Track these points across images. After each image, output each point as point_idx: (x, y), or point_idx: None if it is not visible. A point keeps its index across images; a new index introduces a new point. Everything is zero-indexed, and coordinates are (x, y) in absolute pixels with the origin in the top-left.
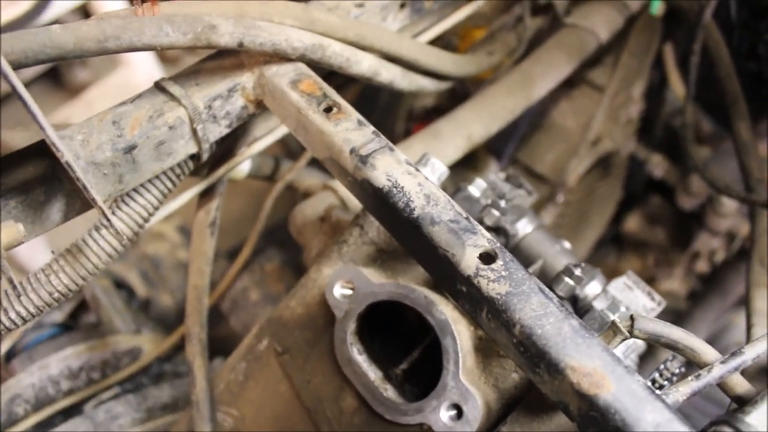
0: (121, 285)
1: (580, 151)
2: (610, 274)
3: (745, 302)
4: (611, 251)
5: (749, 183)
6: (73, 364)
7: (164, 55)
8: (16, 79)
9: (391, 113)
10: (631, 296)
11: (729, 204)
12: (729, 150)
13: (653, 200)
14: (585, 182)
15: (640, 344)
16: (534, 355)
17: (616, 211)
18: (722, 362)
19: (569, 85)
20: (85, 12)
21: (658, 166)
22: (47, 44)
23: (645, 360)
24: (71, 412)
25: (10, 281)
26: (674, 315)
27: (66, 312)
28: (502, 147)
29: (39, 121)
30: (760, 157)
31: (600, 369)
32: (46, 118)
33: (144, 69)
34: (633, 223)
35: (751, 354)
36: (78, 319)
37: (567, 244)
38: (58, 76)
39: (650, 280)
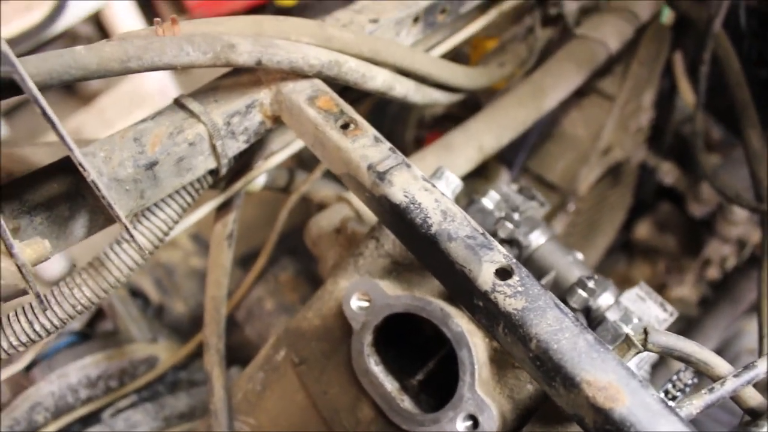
0: (136, 293)
1: (591, 160)
2: (621, 281)
3: (756, 310)
4: (622, 258)
5: (759, 192)
6: (92, 372)
7: None
8: (44, 102)
9: (402, 121)
10: (643, 307)
11: (739, 212)
12: (739, 158)
13: (664, 207)
14: (596, 191)
15: (653, 354)
16: (550, 369)
17: (626, 218)
18: (735, 376)
19: (579, 94)
20: (96, 21)
21: (668, 173)
22: (72, 65)
23: (657, 368)
24: (89, 419)
25: (37, 295)
26: (685, 322)
27: (83, 321)
28: (513, 156)
29: (66, 142)
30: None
31: (615, 383)
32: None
33: (155, 77)
34: (643, 230)
35: (763, 367)
36: (95, 328)
37: (579, 255)
38: (71, 83)
39: (661, 287)
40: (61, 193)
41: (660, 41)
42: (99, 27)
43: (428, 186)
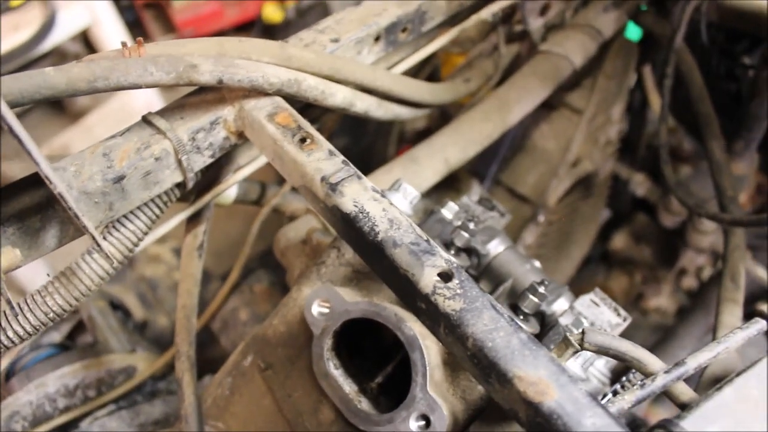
0: (116, 306)
1: (560, 172)
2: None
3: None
4: (600, 269)
5: (723, 201)
6: (70, 382)
7: None
8: (13, 118)
9: (383, 136)
10: (597, 312)
11: (708, 222)
12: (708, 169)
13: (639, 218)
14: (567, 202)
15: (611, 360)
16: (486, 366)
17: (602, 229)
18: (666, 372)
19: (549, 108)
20: (85, 38)
21: (640, 185)
22: (42, 85)
23: None
24: (67, 428)
25: (9, 302)
26: (663, 331)
27: (63, 333)
28: (485, 169)
29: (33, 155)
30: (733, 176)
31: (545, 378)
32: (47, 145)
33: (142, 94)
34: (620, 241)
35: (692, 364)
36: (75, 340)
37: (537, 263)
38: (59, 102)
39: (638, 297)
40: (32, 205)
41: (626, 56)
42: (87, 45)
43: (377, 196)
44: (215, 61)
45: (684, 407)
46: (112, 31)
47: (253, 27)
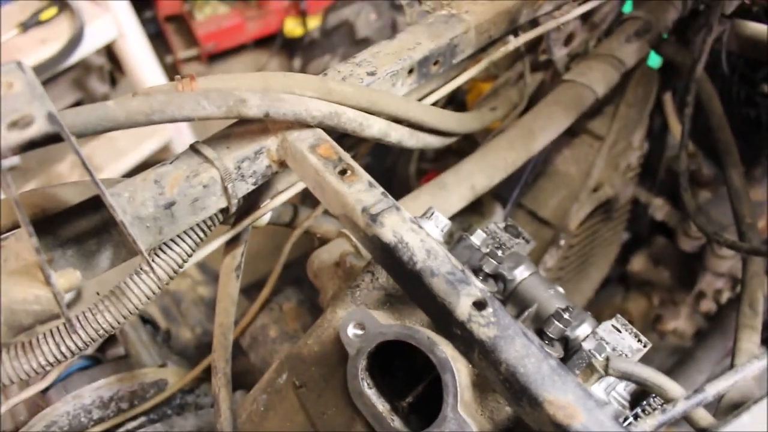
0: (146, 320)
1: (581, 197)
2: (618, 314)
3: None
4: (618, 291)
5: (741, 229)
6: (105, 394)
7: None
8: (82, 154)
9: (405, 155)
10: (618, 337)
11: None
12: (727, 194)
13: (658, 241)
14: (587, 226)
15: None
16: (517, 390)
17: (621, 252)
18: (686, 398)
19: (571, 134)
20: (108, 50)
21: (659, 209)
22: (103, 118)
23: None
24: None
25: (68, 320)
26: (681, 353)
27: (95, 345)
28: (508, 194)
29: (100, 188)
30: (752, 203)
31: (573, 402)
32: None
33: None
34: (638, 264)
35: (711, 391)
36: (105, 352)
37: (560, 289)
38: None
39: (656, 319)
40: (89, 228)
41: (647, 84)
42: (110, 57)
43: (415, 227)
44: (262, 96)
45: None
46: (136, 44)
47: (273, 41)
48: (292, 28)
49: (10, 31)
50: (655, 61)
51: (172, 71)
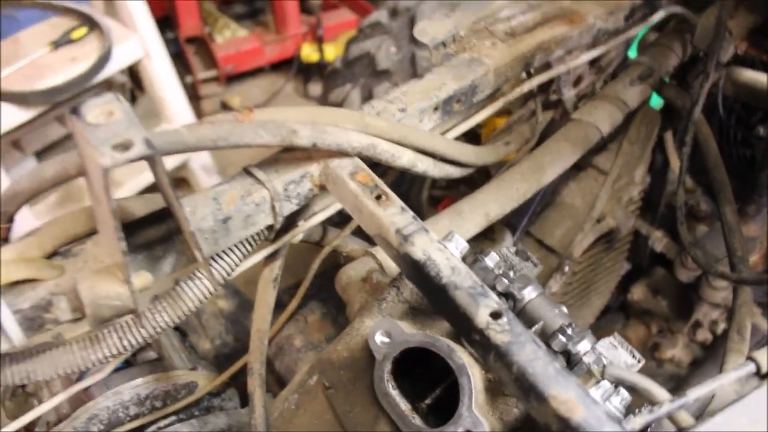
0: (176, 328)
1: (585, 227)
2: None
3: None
4: (619, 319)
5: (733, 261)
6: (142, 392)
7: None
8: (166, 172)
9: (418, 182)
10: (615, 353)
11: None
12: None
13: (657, 272)
14: (590, 254)
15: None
16: (526, 388)
17: (622, 281)
18: (670, 401)
19: (578, 168)
20: (131, 71)
21: (659, 241)
22: (177, 141)
23: None
24: None
25: (141, 314)
26: (677, 381)
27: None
28: (518, 222)
29: (178, 205)
30: (743, 238)
31: (573, 398)
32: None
33: (180, 121)
34: (638, 293)
35: (692, 396)
36: (136, 357)
37: (564, 309)
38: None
39: (654, 347)
40: (157, 237)
41: (649, 124)
42: (132, 75)
43: (441, 247)
44: (311, 128)
45: (684, 431)
46: (160, 65)
47: (290, 65)
48: (309, 53)
49: (42, 48)
50: (657, 102)
51: (191, 91)
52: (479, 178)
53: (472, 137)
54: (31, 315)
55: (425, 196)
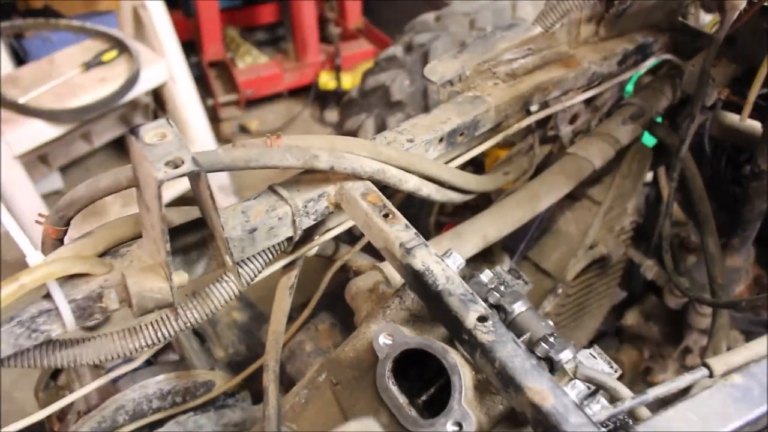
0: (195, 332)
1: (579, 253)
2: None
3: None
4: (613, 344)
5: (713, 287)
6: (165, 387)
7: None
8: (210, 186)
9: (426, 207)
10: (594, 363)
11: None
12: None
13: (650, 299)
14: (583, 279)
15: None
16: (506, 380)
17: (618, 307)
18: (632, 398)
19: (573, 198)
20: (155, 94)
21: (649, 269)
22: (215, 162)
23: None
24: (155, 426)
25: (177, 307)
26: (667, 405)
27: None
28: (516, 246)
29: (216, 215)
30: (724, 267)
31: (546, 389)
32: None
33: (200, 141)
34: (631, 319)
35: (651, 394)
36: (158, 357)
37: (550, 322)
38: (121, 140)
39: (646, 371)
40: (192, 243)
41: (641, 160)
42: (155, 97)
43: (438, 260)
44: (329, 153)
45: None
46: (184, 88)
47: (308, 92)
48: (326, 81)
49: (74, 69)
50: (650, 140)
51: (211, 113)
52: (483, 206)
53: (478, 166)
54: (83, 305)
55: (433, 221)
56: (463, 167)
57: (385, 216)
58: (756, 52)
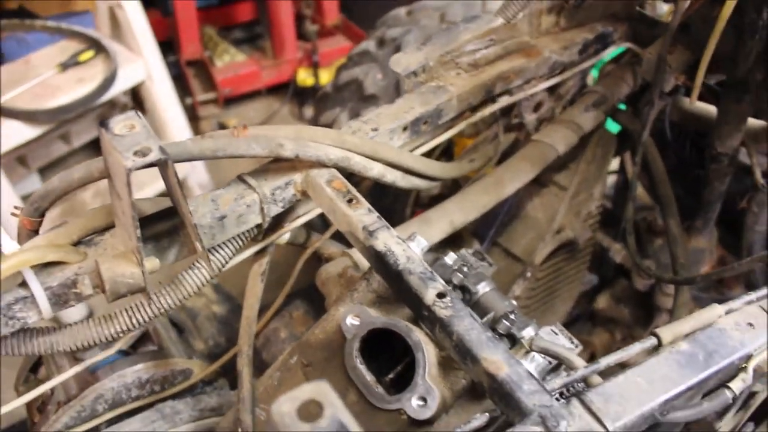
0: (173, 323)
1: (546, 238)
2: (583, 346)
3: None
4: (586, 327)
5: (675, 267)
6: (143, 376)
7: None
8: (177, 174)
9: (402, 199)
10: (555, 339)
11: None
12: None
13: (620, 283)
14: (552, 263)
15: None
16: (464, 352)
17: (590, 291)
18: (585, 367)
19: (540, 184)
20: (134, 93)
21: (618, 253)
22: (184, 151)
23: None
24: (133, 413)
25: (148, 293)
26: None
27: (129, 342)
28: (485, 232)
29: (185, 204)
30: (686, 248)
31: (500, 360)
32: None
33: (179, 140)
34: (602, 302)
35: (603, 363)
36: (136, 348)
37: (514, 302)
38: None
39: None
40: (164, 230)
41: (605, 146)
42: (134, 96)
43: (399, 241)
44: (295, 142)
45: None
46: (162, 87)
47: (286, 89)
48: (304, 78)
49: (51, 69)
50: (614, 126)
51: (190, 112)
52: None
53: (449, 157)
54: (59, 291)
55: (409, 212)
56: (430, 155)
57: (349, 201)
58: (708, 39)
